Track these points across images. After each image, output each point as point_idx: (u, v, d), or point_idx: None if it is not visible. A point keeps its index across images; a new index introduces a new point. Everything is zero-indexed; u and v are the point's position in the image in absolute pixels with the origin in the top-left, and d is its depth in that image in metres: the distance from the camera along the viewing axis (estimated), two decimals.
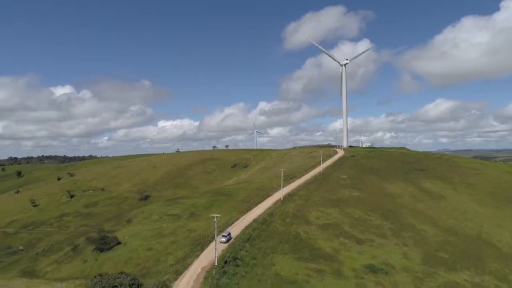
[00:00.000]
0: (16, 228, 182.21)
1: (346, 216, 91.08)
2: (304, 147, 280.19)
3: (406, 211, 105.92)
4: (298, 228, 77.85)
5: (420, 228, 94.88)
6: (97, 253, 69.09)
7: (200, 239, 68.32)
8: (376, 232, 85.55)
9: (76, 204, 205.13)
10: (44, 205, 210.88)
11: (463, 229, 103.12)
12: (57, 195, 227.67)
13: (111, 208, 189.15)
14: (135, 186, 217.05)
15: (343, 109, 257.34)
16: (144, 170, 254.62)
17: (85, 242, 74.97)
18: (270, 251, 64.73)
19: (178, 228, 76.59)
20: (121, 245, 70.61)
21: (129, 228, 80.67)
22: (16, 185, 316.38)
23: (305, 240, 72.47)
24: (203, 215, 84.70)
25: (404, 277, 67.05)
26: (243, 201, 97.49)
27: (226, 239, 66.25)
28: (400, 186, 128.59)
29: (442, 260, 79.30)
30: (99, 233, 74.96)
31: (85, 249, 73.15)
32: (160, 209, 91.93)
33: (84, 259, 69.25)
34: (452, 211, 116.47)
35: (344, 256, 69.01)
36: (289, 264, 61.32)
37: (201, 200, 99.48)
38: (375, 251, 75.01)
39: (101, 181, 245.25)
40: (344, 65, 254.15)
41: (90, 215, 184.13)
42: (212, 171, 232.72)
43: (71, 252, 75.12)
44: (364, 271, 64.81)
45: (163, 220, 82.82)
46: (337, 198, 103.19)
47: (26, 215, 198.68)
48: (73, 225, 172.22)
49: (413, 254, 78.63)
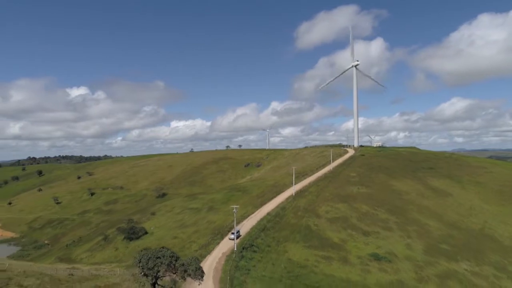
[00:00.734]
0: (41, 224, 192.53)
1: (354, 211, 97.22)
2: (316, 146, 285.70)
3: (412, 207, 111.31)
4: (308, 220, 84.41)
5: (425, 223, 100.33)
6: (127, 242, 76.80)
7: (219, 229, 75.53)
8: (382, 226, 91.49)
9: (97, 201, 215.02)
10: (66, 203, 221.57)
11: (467, 224, 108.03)
12: (78, 193, 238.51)
13: (130, 205, 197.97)
14: (152, 184, 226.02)
15: (354, 109, 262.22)
16: (160, 169, 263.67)
17: (115, 233, 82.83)
18: (283, 240, 71.52)
19: (199, 220, 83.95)
20: (148, 235, 78.23)
21: (154, 220, 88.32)
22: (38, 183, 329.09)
23: (315, 231, 79.02)
24: (221, 208, 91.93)
25: (406, 265, 73.03)
26: (257, 197, 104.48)
27: (235, 236, 69.54)
28: (408, 184, 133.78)
29: (443, 251, 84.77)
30: (128, 223, 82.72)
31: (116, 239, 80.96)
32: (181, 203, 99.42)
33: (115, 247, 77.04)
34: (457, 208, 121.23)
35: (351, 246, 75.36)
36: (300, 251, 68.02)
37: (218, 196, 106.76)
38: (380, 242, 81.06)
39: (119, 179, 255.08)
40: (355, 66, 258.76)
41: (111, 211, 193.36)
42: (226, 170, 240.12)
43: (103, 241, 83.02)
44: (368, 259, 71.07)
45: (184, 213, 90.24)
46: (346, 194, 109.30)
47: (50, 212, 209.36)
48: (95, 221, 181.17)
49: (416, 245, 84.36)
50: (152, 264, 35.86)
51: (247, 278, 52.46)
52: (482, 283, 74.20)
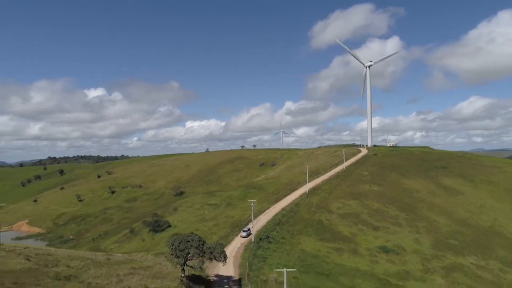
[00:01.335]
0: (65, 220, 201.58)
1: (365, 207, 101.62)
2: (329, 146, 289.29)
3: (422, 204, 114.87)
4: (321, 216, 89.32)
5: (434, 219, 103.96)
6: (152, 234, 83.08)
7: (237, 222, 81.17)
8: (391, 221, 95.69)
9: (117, 199, 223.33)
10: (88, 200, 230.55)
11: (476, 221, 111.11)
12: (99, 191, 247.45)
13: (149, 203, 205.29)
14: (170, 183, 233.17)
15: (368, 109, 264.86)
16: (178, 169, 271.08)
17: (141, 226, 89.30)
18: (296, 233, 76.67)
19: (218, 215, 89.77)
20: (171, 227, 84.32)
21: (176, 215, 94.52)
22: (60, 182, 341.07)
23: (327, 226, 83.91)
24: (238, 204, 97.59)
25: (413, 258, 77.29)
26: (272, 194, 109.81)
27: (246, 233, 72.21)
28: (419, 182, 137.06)
29: (451, 246, 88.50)
30: (153, 217, 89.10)
31: (141, 231, 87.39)
32: (201, 200, 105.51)
33: (142, 238, 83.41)
34: (468, 206, 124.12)
35: (361, 239, 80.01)
36: (313, 243, 73.07)
37: (236, 193, 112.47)
38: (389, 236, 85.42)
39: (138, 178, 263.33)
40: (368, 66, 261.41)
41: (131, 209, 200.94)
42: (241, 169, 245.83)
43: (129, 234, 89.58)
44: (377, 251, 75.64)
45: (204, 208, 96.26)
46: (357, 192, 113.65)
47: (73, 209, 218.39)
48: (116, 217, 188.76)
49: (424, 240, 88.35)
50: (183, 246, 41.44)
51: (263, 265, 57.82)
52: (486, 275, 77.92)
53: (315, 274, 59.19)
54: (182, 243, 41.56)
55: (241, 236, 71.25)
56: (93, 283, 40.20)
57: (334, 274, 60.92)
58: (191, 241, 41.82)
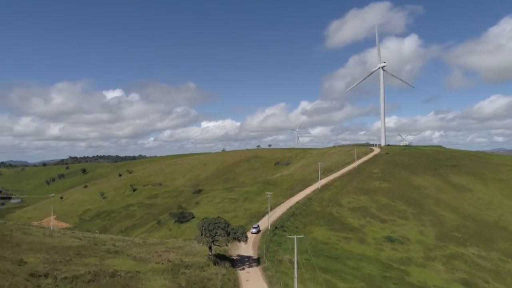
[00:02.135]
0: (90, 216, 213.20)
1: (374, 202, 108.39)
2: (343, 145, 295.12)
3: (429, 200, 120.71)
4: (332, 209, 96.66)
5: (440, 214, 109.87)
6: (178, 224, 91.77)
7: (255, 214, 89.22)
8: (398, 215, 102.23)
9: (139, 196, 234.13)
10: (111, 197, 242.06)
11: (482, 216, 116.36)
12: (121, 188, 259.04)
13: (169, 200, 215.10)
14: (189, 181, 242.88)
15: (381, 110, 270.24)
16: (196, 167, 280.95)
17: (167, 217, 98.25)
18: (309, 223, 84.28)
19: (237, 207, 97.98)
20: (195, 218, 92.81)
21: (199, 208, 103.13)
22: (83, 180, 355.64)
23: (337, 218, 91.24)
24: (255, 199, 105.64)
25: (417, 247, 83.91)
26: (287, 189, 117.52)
27: (256, 230, 75.36)
28: (428, 180, 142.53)
29: (454, 237, 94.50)
30: (178, 209, 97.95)
31: (168, 222, 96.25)
32: (221, 195, 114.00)
33: (169, 228, 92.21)
34: (475, 202, 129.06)
35: (368, 230, 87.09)
36: (324, 232, 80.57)
37: (253, 188, 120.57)
38: (395, 228, 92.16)
39: (158, 176, 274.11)
40: (382, 68, 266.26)
41: (152, 205, 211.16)
42: (257, 168, 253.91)
43: (157, 225, 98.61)
44: (383, 240, 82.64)
45: (224, 202, 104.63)
46: (367, 188, 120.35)
47: (97, 206, 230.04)
48: (139, 213, 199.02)
49: (428, 232, 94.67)
50: (211, 227, 49.47)
51: (279, 248, 65.64)
52: (486, 264, 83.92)
53: (324, 258, 66.74)
54: (211, 224, 49.71)
55: (252, 233, 73.90)
56: (138, 257, 48.78)
57: (342, 258, 68.31)
58: (218, 223, 49.97)
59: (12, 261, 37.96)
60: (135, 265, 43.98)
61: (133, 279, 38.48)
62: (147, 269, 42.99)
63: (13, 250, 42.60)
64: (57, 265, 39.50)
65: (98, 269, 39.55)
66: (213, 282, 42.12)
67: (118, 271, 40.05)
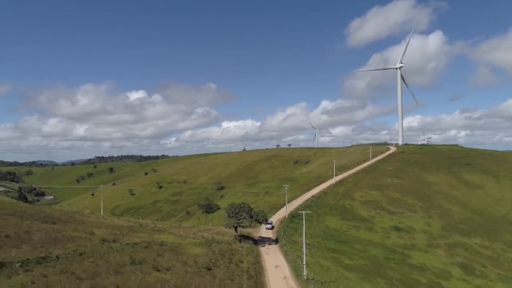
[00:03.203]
0: (121, 211, 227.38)
1: (385, 197, 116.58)
2: (361, 144, 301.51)
3: (439, 195, 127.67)
4: (344, 202, 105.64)
5: (448, 208, 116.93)
6: (205, 214, 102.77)
7: (274, 205, 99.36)
8: (407, 208, 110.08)
9: (165, 193, 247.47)
10: (139, 194, 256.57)
11: (490, 211, 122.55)
12: (148, 186, 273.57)
13: (194, 196, 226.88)
14: (212, 179, 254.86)
15: (398, 109, 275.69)
16: (218, 166, 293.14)
17: (195, 208, 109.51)
18: (322, 214, 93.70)
19: (258, 200, 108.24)
20: (220, 209, 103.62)
21: (223, 200, 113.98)
22: (111, 179, 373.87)
23: (349, 209, 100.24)
24: (274, 192, 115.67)
25: (422, 236, 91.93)
26: (303, 185, 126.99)
27: (270, 226, 78.57)
28: (440, 177, 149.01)
29: (459, 229, 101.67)
30: (205, 201, 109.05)
31: (196, 212, 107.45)
32: (243, 189, 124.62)
33: (197, 217, 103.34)
34: (485, 198, 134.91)
35: (377, 220, 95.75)
36: (335, 221, 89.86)
37: (272, 184, 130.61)
38: (403, 219, 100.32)
39: (182, 175, 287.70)
40: (399, 68, 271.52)
41: (178, 201, 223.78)
42: (277, 167, 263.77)
43: (186, 215, 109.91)
44: (390, 229, 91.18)
45: (246, 195, 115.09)
46: (380, 184, 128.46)
47: (126, 202, 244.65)
48: (165, 209, 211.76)
49: (435, 224, 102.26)
50: (237, 210, 59.68)
51: (294, 233, 75.44)
52: (486, 252, 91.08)
53: (335, 241, 76.16)
54: (237, 208, 60.02)
55: (266, 228, 76.97)
56: (178, 234, 59.61)
57: (350, 242, 77.53)
58: (243, 207, 60.25)
59: (85, 232, 49.26)
60: (177, 239, 54.71)
61: (177, 247, 49.15)
62: (187, 242, 53.63)
63: (82, 226, 54.07)
64: (118, 236, 50.60)
65: (149, 240, 50.47)
66: (239, 252, 52.37)
67: (165, 242, 50.82)
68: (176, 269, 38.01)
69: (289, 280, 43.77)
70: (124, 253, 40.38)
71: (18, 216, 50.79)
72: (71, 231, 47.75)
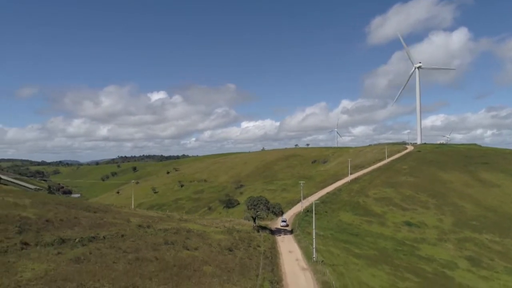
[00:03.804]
0: (145, 208, 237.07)
1: (398, 194, 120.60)
2: (379, 144, 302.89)
3: (453, 193, 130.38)
4: (358, 198, 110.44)
5: (461, 205, 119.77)
6: (226, 209, 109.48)
7: (291, 201, 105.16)
8: (420, 205, 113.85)
9: (186, 191, 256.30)
10: (162, 192, 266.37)
11: (504, 209, 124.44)
12: (170, 184, 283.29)
13: (214, 194, 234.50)
14: (231, 178, 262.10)
15: (417, 109, 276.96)
16: (237, 165, 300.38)
17: (217, 203, 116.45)
18: (336, 209, 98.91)
19: (276, 196, 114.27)
20: (240, 204, 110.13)
21: (243, 197, 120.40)
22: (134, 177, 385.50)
23: (362, 205, 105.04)
24: (291, 189, 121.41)
25: (432, 231, 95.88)
26: (319, 182, 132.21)
27: (285, 223, 79.36)
28: (455, 175, 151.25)
29: (471, 225, 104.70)
30: (226, 197, 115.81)
31: (217, 207, 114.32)
32: (262, 186, 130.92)
33: (218, 212, 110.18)
34: (501, 196, 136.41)
35: (389, 216, 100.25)
36: (349, 216, 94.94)
37: (289, 181, 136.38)
38: (415, 215, 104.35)
39: (203, 174, 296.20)
40: (418, 68, 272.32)
41: (199, 199, 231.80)
42: (295, 166, 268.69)
43: (208, 210, 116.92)
44: (401, 224, 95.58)
45: (264, 192, 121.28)
46: (394, 182, 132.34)
47: (150, 199, 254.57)
48: (187, 206, 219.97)
49: (446, 220, 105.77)
50: (255, 202, 65.87)
51: (308, 225, 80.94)
52: (496, 247, 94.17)
53: (347, 234, 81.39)
54: (255, 201, 66.26)
55: (281, 226, 78.27)
56: (202, 224, 66.32)
57: (362, 235, 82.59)
58: (261, 200, 66.44)
59: (123, 219, 56.43)
60: (202, 228, 61.36)
61: (202, 234, 55.74)
62: (210, 230, 60.19)
63: (119, 215, 61.36)
64: (151, 223, 57.58)
65: (178, 227, 57.25)
66: (257, 239, 58.58)
67: (192, 229, 57.50)
68: (202, 249, 44.52)
69: (301, 261, 49.77)
70: (158, 236, 47.17)
71: (65, 206, 58.37)
72: (111, 219, 54.96)
